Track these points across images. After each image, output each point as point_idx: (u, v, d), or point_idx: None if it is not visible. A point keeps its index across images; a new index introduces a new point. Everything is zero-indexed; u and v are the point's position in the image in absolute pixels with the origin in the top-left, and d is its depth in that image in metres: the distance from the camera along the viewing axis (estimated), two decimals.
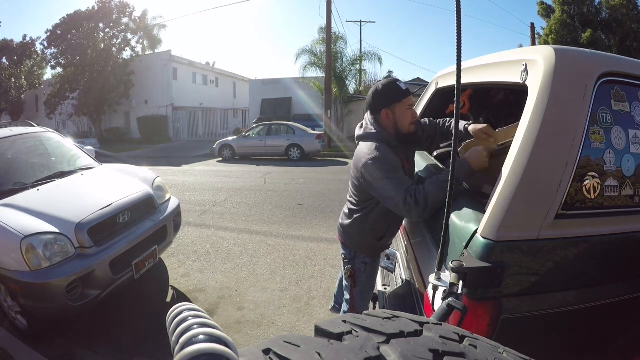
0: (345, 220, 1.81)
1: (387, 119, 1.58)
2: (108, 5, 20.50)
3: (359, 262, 1.80)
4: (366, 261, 1.80)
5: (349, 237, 1.81)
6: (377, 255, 1.86)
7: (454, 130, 0.93)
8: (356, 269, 1.80)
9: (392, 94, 1.57)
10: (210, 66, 25.49)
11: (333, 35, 14.82)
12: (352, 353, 0.43)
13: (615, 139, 1.07)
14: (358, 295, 1.84)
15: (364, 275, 1.82)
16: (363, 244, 1.78)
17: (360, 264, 1.80)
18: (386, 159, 1.49)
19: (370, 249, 1.80)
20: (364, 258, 1.79)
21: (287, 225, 4.86)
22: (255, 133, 12.50)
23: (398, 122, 1.58)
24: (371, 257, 1.82)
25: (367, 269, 1.81)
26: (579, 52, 1.11)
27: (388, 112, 1.58)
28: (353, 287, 1.83)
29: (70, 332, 2.53)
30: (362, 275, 1.81)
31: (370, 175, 1.50)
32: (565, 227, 0.99)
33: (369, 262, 1.81)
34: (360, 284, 1.83)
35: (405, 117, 1.58)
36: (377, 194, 1.53)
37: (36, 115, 23.04)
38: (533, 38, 17.85)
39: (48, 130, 3.76)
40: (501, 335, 0.95)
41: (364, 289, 1.84)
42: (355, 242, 1.80)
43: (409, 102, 1.59)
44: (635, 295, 1.08)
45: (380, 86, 1.61)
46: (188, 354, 0.32)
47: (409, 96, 1.58)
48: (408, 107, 1.59)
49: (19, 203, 2.52)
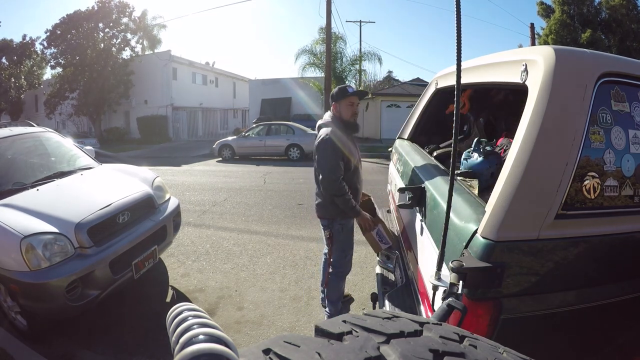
0: (318, 197, 2.39)
1: (335, 110, 2.34)
2: (108, 5, 20.48)
3: (336, 224, 2.36)
4: (342, 222, 2.36)
5: (323, 208, 2.36)
6: (349, 217, 2.35)
7: (454, 130, 0.93)
8: (334, 231, 2.36)
9: (340, 93, 2.30)
10: (210, 66, 25.46)
11: (333, 35, 14.82)
12: (352, 353, 0.43)
13: (615, 139, 1.07)
14: (339, 252, 2.41)
15: (342, 234, 2.37)
16: (335, 210, 2.29)
17: (338, 226, 2.36)
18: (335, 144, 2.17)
19: (343, 212, 2.29)
20: (340, 221, 2.35)
21: (286, 225, 4.86)
22: (255, 133, 12.50)
23: (342, 113, 2.31)
24: (346, 219, 2.35)
25: (344, 229, 2.37)
26: (578, 52, 1.11)
27: (336, 105, 2.32)
28: (332, 246, 2.40)
29: (70, 332, 2.52)
30: (340, 235, 2.37)
31: (322, 149, 2.20)
32: (565, 227, 0.99)
33: (345, 223, 2.37)
34: (339, 242, 2.39)
35: (345, 111, 2.31)
36: (320, 164, 2.23)
37: (36, 115, 23.01)
38: (533, 38, 17.84)
39: (47, 130, 3.75)
40: (501, 335, 0.95)
41: (345, 247, 2.41)
42: (329, 210, 2.32)
43: (350, 100, 2.29)
44: (635, 295, 1.08)
45: (336, 89, 2.35)
46: (188, 354, 0.32)
47: (350, 96, 2.29)
48: (350, 104, 2.30)
49: (19, 203, 2.51)
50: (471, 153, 1.70)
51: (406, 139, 2.78)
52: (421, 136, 2.76)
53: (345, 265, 2.47)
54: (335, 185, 2.16)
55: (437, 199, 1.41)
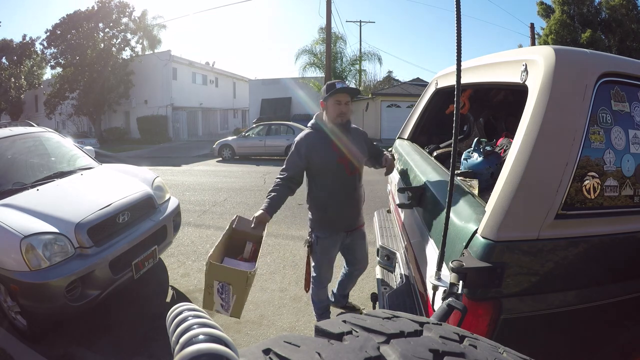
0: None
1: (323, 107, 2.10)
2: (108, 5, 20.50)
3: (314, 236, 2.18)
4: (319, 235, 2.16)
5: (309, 213, 2.21)
6: (329, 231, 2.16)
7: (454, 130, 0.93)
8: (312, 241, 2.19)
9: (326, 90, 2.05)
10: (209, 66, 25.47)
11: (333, 35, 14.83)
12: (352, 353, 0.43)
13: (615, 139, 1.07)
14: (315, 263, 2.24)
15: (317, 247, 2.18)
16: (315, 219, 2.17)
17: (314, 238, 2.17)
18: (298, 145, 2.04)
19: (322, 223, 2.15)
20: (317, 232, 2.16)
21: (287, 225, 4.86)
22: (255, 133, 12.50)
23: (327, 113, 2.07)
24: (323, 231, 2.15)
25: (320, 242, 2.16)
26: (578, 52, 1.11)
27: (324, 103, 2.08)
28: (309, 256, 2.24)
29: (70, 332, 2.52)
30: (315, 247, 2.18)
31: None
32: (565, 227, 0.99)
33: (321, 236, 2.15)
34: (315, 254, 2.20)
35: (331, 110, 2.04)
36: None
37: (36, 115, 23.03)
38: (533, 38, 17.85)
39: (47, 130, 3.75)
40: (501, 335, 0.95)
41: (319, 261, 2.22)
42: (311, 219, 2.19)
43: (337, 98, 2.01)
44: (635, 295, 1.08)
45: (325, 85, 2.10)
46: (188, 354, 0.32)
47: (337, 94, 2.00)
48: (336, 102, 2.02)
49: (19, 203, 2.51)
50: (471, 153, 1.70)
51: (406, 139, 2.78)
52: (421, 136, 2.76)
53: (321, 276, 2.26)
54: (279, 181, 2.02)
55: (437, 199, 1.41)
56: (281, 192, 2.00)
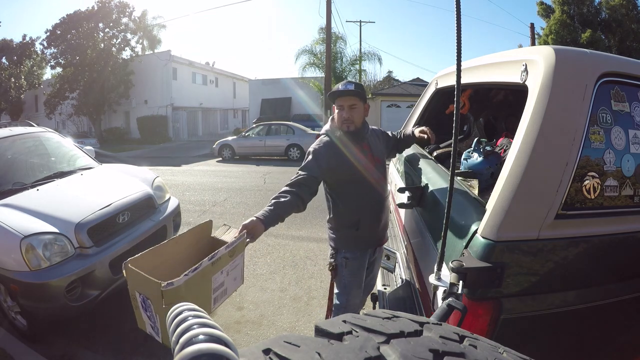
0: (327, 216, 1.92)
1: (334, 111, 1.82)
2: (108, 5, 20.48)
3: (340, 257, 1.86)
4: (347, 256, 1.85)
5: (331, 232, 1.90)
6: (360, 250, 1.86)
7: (454, 130, 0.93)
8: (338, 263, 1.87)
9: (330, 96, 1.80)
10: (209, 66, 25.46)
11: (333, 35, 14.83)
12: (352, 353, 0.43)
13: (615, 139, 1.07)
14: (341, 289, 1.89)
15: (345, 269, 1.86)
16: (342, 238, 1.86)
17: (342, 259, 1.86)
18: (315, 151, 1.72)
19: (350, 241, 1.85)
20: (345, 253, 1.85)
21: (287, 225, 4.85)
22: (255, 133, 12.49)
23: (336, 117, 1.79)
24: (352, 251, 1.85)
25: (349, 264, 1.85)
26: (578, 52, 1.11)
27: (334, 107, 1.81)
28: (334, 279, 1.92)
29: (70, 332, 2.52)
30: (343, 270, 1.87)
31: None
32: (565, 227, 0.99)
33: (350, 257, 1.85)
34: (342, 277, 1.88)
35: (337, 116, 1.78)
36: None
37: (36, 115, 23.01)
38: (533, 38, 17.85)
39: (47, 130, 3.75)
40: (501, 335, 0.95)
41: (348, 285, 1.88)
42: (336, 237, 1.88)
43: (338, 103, 1.76)
44: (635, 295, 1.08)
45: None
46: (188, 354, 0.32)
47: (337, 98, 1.75)
48: (339, 107, 1.76)
49: (19, 203, 2.51)
50: (471, 153, 1.70)
51: None
52: None
53: (350, 302, 1.88)
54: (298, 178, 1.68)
55: (437, 199, 1.41)
56: (290, 201, 1.59)
